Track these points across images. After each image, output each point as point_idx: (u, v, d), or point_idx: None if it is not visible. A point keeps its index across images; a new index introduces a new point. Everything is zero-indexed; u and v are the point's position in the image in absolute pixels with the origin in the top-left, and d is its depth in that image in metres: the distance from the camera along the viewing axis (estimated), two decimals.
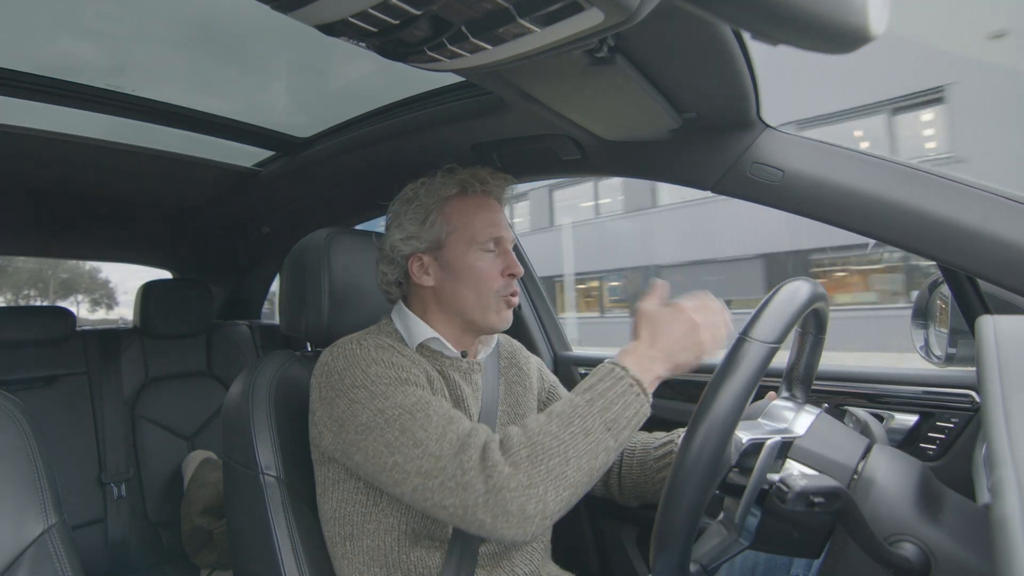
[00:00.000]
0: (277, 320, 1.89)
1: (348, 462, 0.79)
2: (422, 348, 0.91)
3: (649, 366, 0.76)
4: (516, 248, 1.49)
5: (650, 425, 1.14)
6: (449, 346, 0.91)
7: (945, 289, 0.90)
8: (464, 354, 0.94)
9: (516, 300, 0.93)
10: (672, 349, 0.77)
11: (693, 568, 0.59)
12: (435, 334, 0.91)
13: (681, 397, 1.25)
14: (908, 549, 0.53)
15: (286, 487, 0.89)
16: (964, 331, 0.86)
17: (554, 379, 1.12)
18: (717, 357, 0.64)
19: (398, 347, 0.86)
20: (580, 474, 0.69)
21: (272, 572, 0.85)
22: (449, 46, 0.52)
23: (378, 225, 1.16)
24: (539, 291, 1.53)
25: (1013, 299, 0.72)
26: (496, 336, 0.99)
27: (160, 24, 0.99)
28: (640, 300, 0.81)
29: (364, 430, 0.76)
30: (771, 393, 0.79)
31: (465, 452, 0.70)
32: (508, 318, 0.93)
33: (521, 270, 0.93)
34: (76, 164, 1.40)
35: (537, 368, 1.10)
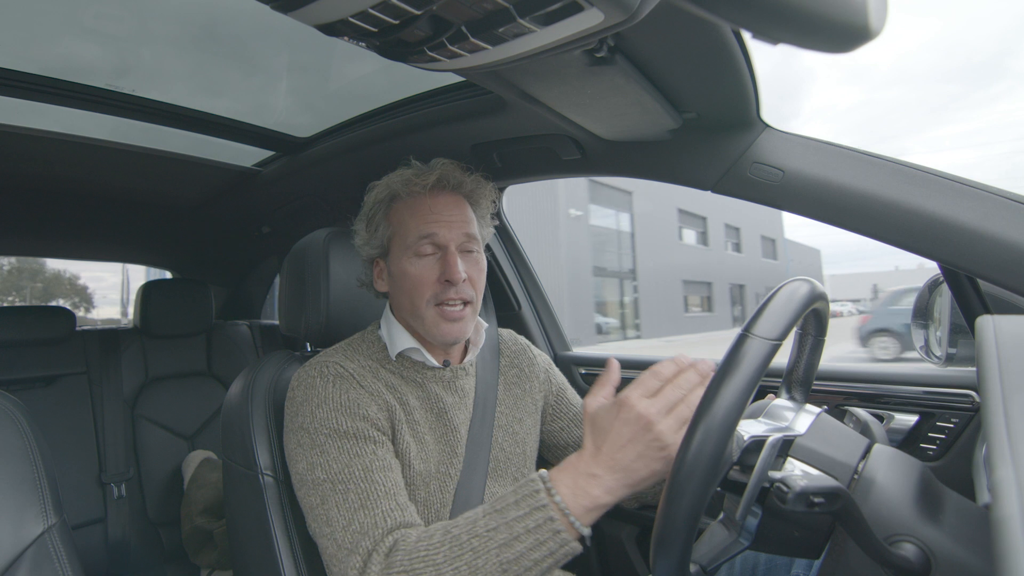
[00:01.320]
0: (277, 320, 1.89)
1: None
2: (402, 358, 0.90)
3: (587, 487, 0.63)
4: (514, 244, 1.49)
5: None
6: (428, 356, 0.89)
7: (945, 289, 0.90)
8: (447, 363, 0.92)
9: (456, 312, 0.86)
10: (621, 461, 0.63)
11: (693, 568, 0.58)
12: (414, 344, 0.89)
13: None
14: (908, 549, 0.53)
15: (285, 487, 0.89)
16: (964, 331, 0.86)
17: (562, 380, 1.09)
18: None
19: (364, 372, 0.84)
20: None
21: (271, 572, 0.85)
22: (449, 46, 0.52)
23: None
24: (539, 290, 1.53)
25: (1013, 299, 0.72)
26: (483, 335, 0.96)
27: (161, 25, 0.99)
28: (589, 393, 0.67)
29: (299, 480, 0.78)
30: (770, 395, 0.79)
31: (354, 555, 0.69)
32: (451, 331, 0.85)
33: (458, 277, 0.83)
34: (78, 164, 1.40)
35: (544, 368, 1.07)
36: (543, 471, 0.67)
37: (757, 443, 0.60)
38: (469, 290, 0.87)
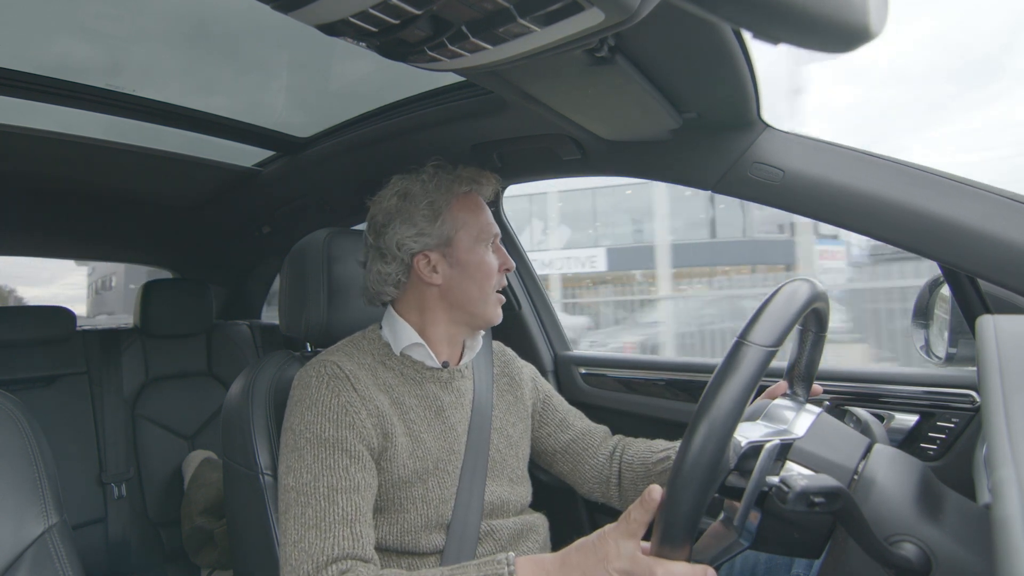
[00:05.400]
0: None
1: None
2: (404, 357, 0.91)
3: None
4: (516, 247, 1.50)
5: (649, 425, 1.15)
6: (432, 355, 0.91)
7: (945, 289, 0.90)
8: (446, 364, 0.94)
9: (503, 296, 0.96)
10: None
11: None
12: (419, 340, 0.90)
13: (681, 397, 1.25)
14: (909, 549, 0.53)
15: None
16: (964, 331, 0.86)
17: (548, 388, 1.11)
18: None
19: (362, 373, 0.84)
20: None
21: (272, 572, 0.85)
22: (449, 46, 0.52)
23: None
24: (539, 289, 1.53)
25: (1013, 299, 0.72)
26: (480, 339, 0.99)
27: (161, 24, 0.99)
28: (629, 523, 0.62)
29: (278, 480, 0.80)
30: (781, 382, 0.78)
31: (287, 567, 0.71)
32: (501, 313, 0.95)
33: (514, 265, 0.96)
34: (77, 164, 1.40)
35: (531, 378, 1.10)
36: (511, 554, 0.67)
37: (754, 448, 0.60)
38: None
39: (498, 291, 0.94)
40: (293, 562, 0.71)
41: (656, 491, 0.60)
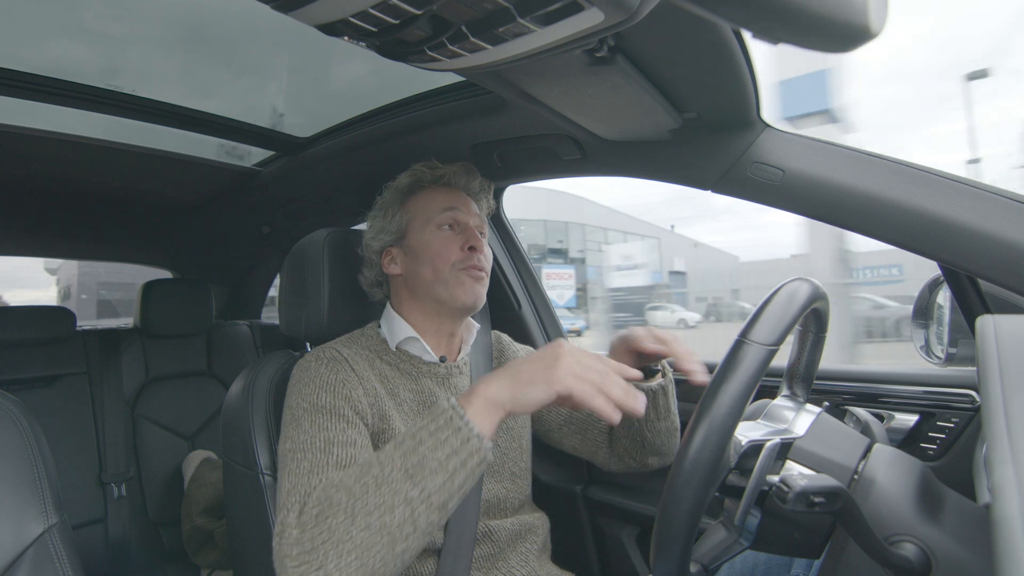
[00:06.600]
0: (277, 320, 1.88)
1: None
2: (400, 352, 0.92)
3: (481, 386, 0.66)
4: (514, 244, 1.50)
5: None
6: (428, 349, 0.92)
7: (945, 289, 0.90)
8: (443, 359, 0.94)
9: (480, 274, 0.92)
10: (517, 370, 0.66)
11: (694, 568, 0.58)
12: (414, 334, 0.91)
13: (681, 397, 1.25)
14: (908, 549, 0.53)
15: None
16: (964, 331, 0.86)
17: None
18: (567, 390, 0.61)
19: (359, 359, 0.86)
20: (367, 533, 0.61)
21: (272, 572, 0.85)
22: (449, 46, 0.52)
23: None
24: (538, 289, 1.53)
25: (1013, 299, 0.72)
26: (474, 332, 0.99)
27: (162, 25, 0.99)
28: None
29: (278, 453, 0.80)
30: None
31: (281, 511, 0.70)
32: (475, 291, 0.91)
33: (481, 243, 0.93)
34: (76, 164, 1.40)
35: None
36: (452, 398, 0.67)
37: (755, 447, 0.60)
38: (487, 263, 0.94)
39: (467, 267, 0.90)
40: (287, 505, 0.69)
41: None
